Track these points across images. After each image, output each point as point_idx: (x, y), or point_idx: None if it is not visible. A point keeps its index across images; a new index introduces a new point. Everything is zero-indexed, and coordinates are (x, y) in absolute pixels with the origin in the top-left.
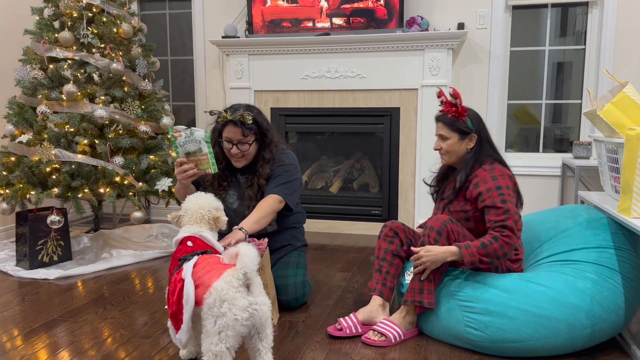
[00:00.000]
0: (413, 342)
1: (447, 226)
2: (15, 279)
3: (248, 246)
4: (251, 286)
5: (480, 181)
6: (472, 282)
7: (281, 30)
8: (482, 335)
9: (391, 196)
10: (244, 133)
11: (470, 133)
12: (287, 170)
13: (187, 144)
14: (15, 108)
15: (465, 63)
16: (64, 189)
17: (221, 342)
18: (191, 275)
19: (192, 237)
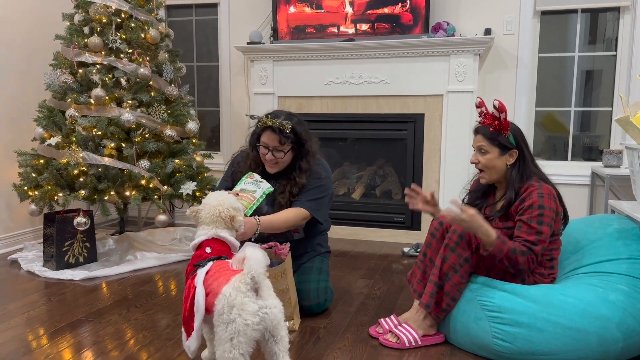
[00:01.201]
0: (437, 351)
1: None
2: (42, 279)
3: (254, 249)
4: (260, 289)
5: (527, 196)
6: (501, 292)
7: (305, 37)
8: (510, 347)
9: None
10: (280, 141)
11: (512, 149)
12: (321, 184)
13: (250, 183)
14: (45, 112)
15: (491, 69)
16: (91, 192)
17: (234, 349)
18: (202, 282)
19: (211, 241)
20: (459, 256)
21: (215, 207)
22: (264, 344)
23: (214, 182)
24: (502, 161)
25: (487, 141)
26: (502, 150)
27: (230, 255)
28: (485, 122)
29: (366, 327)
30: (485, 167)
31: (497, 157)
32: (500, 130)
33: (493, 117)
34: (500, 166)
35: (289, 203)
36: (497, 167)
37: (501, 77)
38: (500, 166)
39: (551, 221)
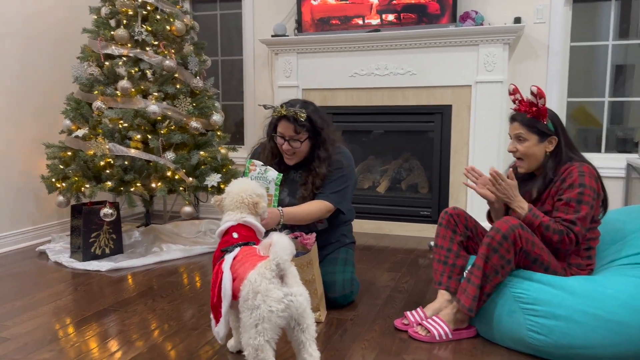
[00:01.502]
0: (468, 344)
1: (515, 231)
2: (69, 270)
3: (280, 236)
4: (285, 277)
5: (567, 175)
6: (536, 284)
7: (330, 28)
8: (545, 340)
9: (441, 197)
10: (296, 130)
11: (551, 135)
12: (343, 174)
13: (258, 179)
14: (73, 104)
15: (521, 59)
16: (117, 183)
17: (259, 335)
18: (230, 267)
19: (237, 227)
20: (501, 257)
21: (238, 193)
22: (290, 332)
23: (238, 174)
24: (541, 148)
25: (525, 128)
26: (540, 137)
27: (257, 241)
28: (522, 109)
29: (394, 319)
30: (523, 155)
31: (536, 145)
32: (539, 116)
33: (530, 104)
34: (539, 153)
35: (312, 195)
36: (536, 155)
37: (531, 67)
38: (539, 153)
39: (592, 201)
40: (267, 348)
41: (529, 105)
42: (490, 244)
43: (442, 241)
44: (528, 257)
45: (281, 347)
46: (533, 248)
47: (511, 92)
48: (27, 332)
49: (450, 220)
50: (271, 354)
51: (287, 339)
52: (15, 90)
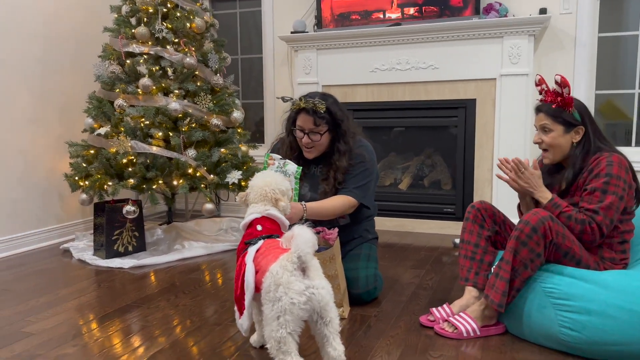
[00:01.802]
0: (497, 341)
1: (545, 223)
2: (93, 267)
3: (302, 228)
4: (308, 269)
5: (595, 165)
6: (567, 278)
7: (350, 24)
8: (578, 337)
9: (466, 193)
10: (315, 122)
11: (577, 125)
12: (366, 168)
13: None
14: (95, 102)
15: (548, 51)
16: (139, 181)
17: (281, 328)
18: (253, 260)
19: (261, 220)
20: (531, 251)
21: (262, 187)
22: (313, 325)
23: (259, 171)
24: (567, 139)
25: (550, 119)
26: (566, 128)
27: (281, 234)
28: (547, 100)
29: (419, 316)
30: (549, 146)
31: (562, 135)
32: (564, 106)
33: (555, 94)
34: (566, 144)
35: (334, 190)
36: (563, 146)
37: (558, 59)
38: (566, 144)
39: (621, 191)
40: (290, 340)
41: (554, 96)
42: (519, 237)
43: (469, 236)
44: (559, 250)
45: (305, 342)
46: (564, 241)
47: (537, 82)
48: (51, 328)
49: (478, 214)
50: (294, 346)
51: (310, 333)
52: (39, 91)
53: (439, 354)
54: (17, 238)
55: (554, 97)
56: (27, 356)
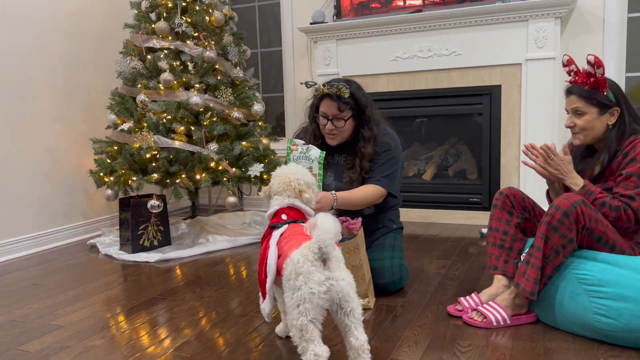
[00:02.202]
0: (528, 330)
1: (577, 207)
2: (119, 262)
3: (326, 217)
4: (328, 260)
5: (631, 149)
6: (602, 264)
7: (370, 12)
8: (614, 324)
9: (492, 182)
10: (339, 108)
11: (612, 107)
12: (392, 156)
13: (300, 159)
14: (117, 98)
15: (575, 33)
16: (163, 175)
17: (302, 316)
18: (276, 244)
19: (286, 210)
20: (562, 236)
21: (286, 175)
22: (335, 316)
23: (280, 164)
24: (602, 121)
25: (583, 101)
26: (601, 110)
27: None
28: (579, 81)
29: (447, 306)
30: (582, 130)
31: (596, 118)
32: (597, 87)
33: (587, 74)
34: (600, 127)
35: (360, 178)
36: (597, 129)
37: (586, 41)
38: (600, 127)
39: None
40: (312, 328)
41: (586, 76)
42: (550, 223)
43: (498, 223)
44: (592, 235)
45: (330, 333)
46: (597, 225)
47: (565, 63)
48: (79, 320)
49: (506, 201)
50: (316, 333)
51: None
52: (63, 89)
53: (468, 343)
54: (45, 234)
55: (586, 78)
56: (57, 347)
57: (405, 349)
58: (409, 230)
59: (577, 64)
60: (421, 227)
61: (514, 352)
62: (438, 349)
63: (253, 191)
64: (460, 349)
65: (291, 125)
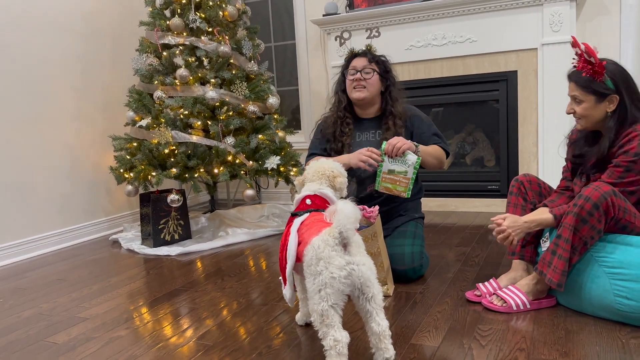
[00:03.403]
0: (549, 313)
1: (607, 199)
2: (141, 256)
3: (346, 203)
4: (349, 245)
5: (626, 142)
6: (621, 245)
7: (382, 2)
8: (636, 306)
9: (510, 169)
10: (369, 60)
11: (610, 94)
12: (430, 124)
13: (395, 162)
14: (135, 96)
15: (591, 16)
16: (182, 170)
17: (323, 301)
18: (297, 231)
19: (312, 196)
20: (592, 228)
21: (320, 165)
22: (356, 301)
23: (297, 157)
24: (600, 109)
25: (580, 89)
26: (598, 98)
27: None
28: (579, 67)
29: (466, 292)
30: (581, 117)
31: (594, 106)
32: (594, 75)
33: (585, 61)
34: (599, 114)
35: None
36: (595, 116)
37: (603, 23)
38: (599, 114)
39: None
40: (332, 313)
41: (585, 62)
42: (580, 214)
43: (514, 209)
44: (617, 224)
45: (350, 319)
46: (625, 215)
47: (572, 44)
48: (104, 313)
49: (521, 187)
50: (337, 319)
51: (355, 310)
52: (81, 88)
53: (489, 327)
54: (68, 231)
55: (585, 65)
56: (83, 339)
57: (426, 334)
58: (428, 218)
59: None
60: (440, 216)
61: (534, 335)
62: (458, 333)
63: (270, 184)
64: (480, 333)
65: (307, 118)
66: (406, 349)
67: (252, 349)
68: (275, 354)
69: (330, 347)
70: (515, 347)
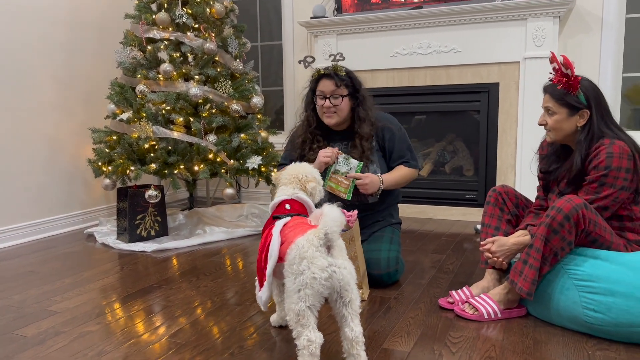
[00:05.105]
0: (519, 323)
1: (579, 211)
2: (116, 251)
3: (332, 207)
4: (332, 248)
5: (595, 157)
6: (590, 259)
7: (370, 8)
8: (603, 319)
9: (488, 179)
10: (336, 84)
11: (582, 109)
12: (402, 140)
13: (340, 164)
14: (117, 88)
15: (573, 33)
16: (161, 166)
17: (301, 301)
18: (279, 232)
19: (290, 201)
20: (562, 239)
21: (294, 169)
22: (334, 305)
23: (279, 157)
24: (571, 123)
25: (553, 101)
26: (570, 111)
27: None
28: (555, 80)
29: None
30: (552, 129)
31: (566, 119)
32: (569, 88)
33: (562, 74)
34: (569, 128)
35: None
36: (566, 129)
37: (584, 41)
38: (569, 128)
39: (621, 182)
40: (309, 314)
41: (561, 76)
42: (551, 225)
43: (490, 219)
44: (588, 237)
45: (325, 322)
46: (595, 228)
47: (550, 60)
48: (75, 307)
49: (499, 198)
50: (313, 320)
51: (331, 313)
52: (62, 78)
53: (460, 334)
54: (43, 223)
55: (561, 78)
56: (53, 332)
57: (398, 339)
58: (406, 225)
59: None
60: (417, 223)
61: (504, 344)
62: (430, 339)
63: (251, 184)
64: (451, 340)
65: (290, 119)
66: (378, 354)
67: (225, 348)
68: (248, 354)
69: (304, 346)
70: (485, 354)
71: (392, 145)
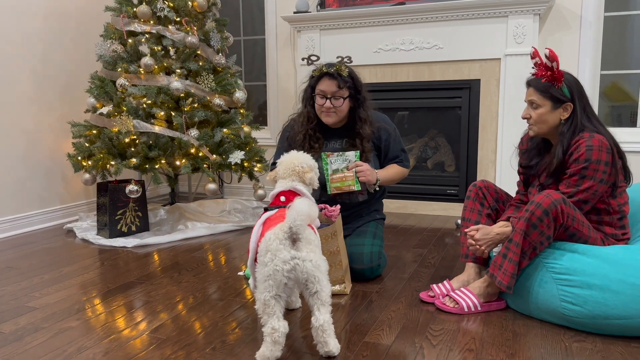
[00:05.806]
0: (498, 316)
1: (557, 206)
2: (96, 246)
3: (300, 200)
4: (298, 241)
5: (575, 150)
6: (568, 253)
7: (353, 3)
8: (580, 311)
9: (469, 175)
10: (339, 85)
11: (566, 102)
12: (397, 141)
13: (335, 162)
14: (97, 82)
15: (553, 30)
16: (142, 160)
17: (266, 291)
18: (262, 224)
19: (286, 193)
20: (541, 233)
21: (291, 161)
22: (304, 295)
23: (262, 152)
24: (555, 116)
25: (538, 94)
26: (554, 104)
27: None
28: (538, 74)
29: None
30: (536, 122)
31: (550, 112)
32: (553, 81)
33: (545, 68)
34: (553, 121)
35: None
36: (550, 122)
37: (563, 38)
38: (553, 121)
39: (601, 175)
40: (274, 303)
41: (544, 69)
42: (530, 220)
43: (470, 214)
44: (566, 232)
45: (308, 314)
46: (573, 223)
47: (532, 55)
48: (54, 303)
49: (479, 192)
50: (278, 309)
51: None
52: (41, 71)
53: (440, 327)
54: (21, 218)
55: (544, 72)
56: (31, 329)
57: (379, 332)
58: (388, 220)
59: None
60: (399, 218)
61: (483, 337)
62: (411, 332)
63: (233, 179)
64: (432, 333)
65: (273, 114)
66: (359, 347)
67: (207, 343)
68: (230, 349)
69: (268, 334)
70: (464, 347)
71: (388, 146)
